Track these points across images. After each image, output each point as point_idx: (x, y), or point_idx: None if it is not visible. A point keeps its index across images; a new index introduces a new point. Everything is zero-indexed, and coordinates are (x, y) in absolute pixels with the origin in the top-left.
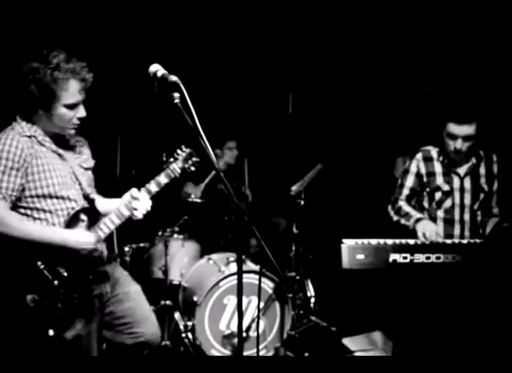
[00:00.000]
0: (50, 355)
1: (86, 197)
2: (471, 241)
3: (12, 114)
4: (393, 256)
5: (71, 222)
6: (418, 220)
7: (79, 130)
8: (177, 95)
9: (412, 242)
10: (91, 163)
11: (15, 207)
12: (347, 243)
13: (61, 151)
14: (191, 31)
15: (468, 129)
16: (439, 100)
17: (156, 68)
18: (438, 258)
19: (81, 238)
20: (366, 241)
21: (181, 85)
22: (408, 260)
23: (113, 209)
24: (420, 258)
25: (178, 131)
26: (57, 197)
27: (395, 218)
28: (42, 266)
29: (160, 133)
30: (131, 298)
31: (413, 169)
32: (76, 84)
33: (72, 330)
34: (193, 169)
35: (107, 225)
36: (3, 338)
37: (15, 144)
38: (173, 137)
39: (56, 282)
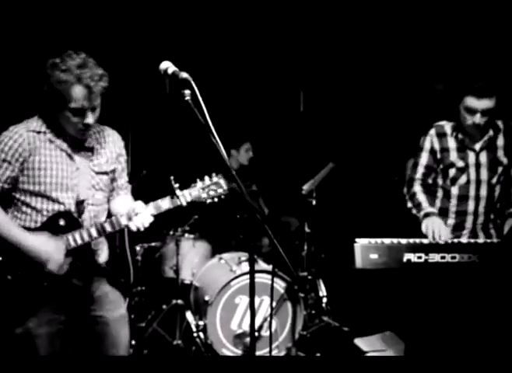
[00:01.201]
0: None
1: (80, 203)
2: (488, 240)
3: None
4: (407, 256)
5: (48, 224)
6: (426, 215)
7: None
8: (187, 92)
9: (426, 241)
10: (107, 167)
11: (7, 197)
12: (360, 242)
13: (71, 151)
14: (203, 29)
15: (488, 102)
16: (451, 97)
17: (167, 65)
18: (453, 258)
19: (37, 244)
20: (379, 240)
21: (192, 82)
22: (422, 260)
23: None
24: (435, 257)
25: (189, 130)
26: (47, 197)
27: (409, 205)
28: (0, 258)
29: (172, 132)
30: (109, 324)
31: (427, 145)
32: (81, 90)
33: (23, 327)
34: (216, 200)
35: (83, 235)
36: None
37: (15, 137)
38: (185, 137)
39: (9, 277)
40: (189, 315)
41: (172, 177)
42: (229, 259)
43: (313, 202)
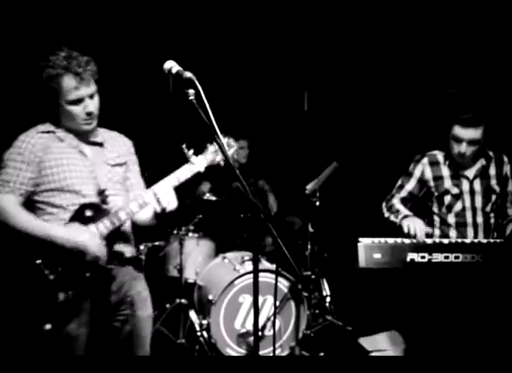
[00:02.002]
0: (45, 349)
1: (101, 193)
2: (491, 240)
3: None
4: (410, 256)
5: (76, 217)
6: (405, 216)
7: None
8: (191, 91)
9: (429, 241)
10: (121, 159)
11: (32, 202)
12: (364, 242)
13: (82, 146)
14: (207, 29)
15: (473, 133)
16: (460, 101)
17: (171, 65)
18: (457, 257)
19: (66, 234)
20: (383, 240)
21: (196, 82)
22: (426, 260)
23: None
24: (438, 257)
25: (194, 129)
26: (69, 191)
27: (386, 215)
28: (39, 261)
29: (176, 132)
30: (137, 323)
31: (417, 173)
32: (70, 79)
33: (68, 328)
34: (230, 160)
35: (112, 220)
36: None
37: (29, 139)
38: (189, 136)
39: (52, 277)
40: (193, 314)
41: (184, 145)
42: (233, 258)
43: (317, 202)
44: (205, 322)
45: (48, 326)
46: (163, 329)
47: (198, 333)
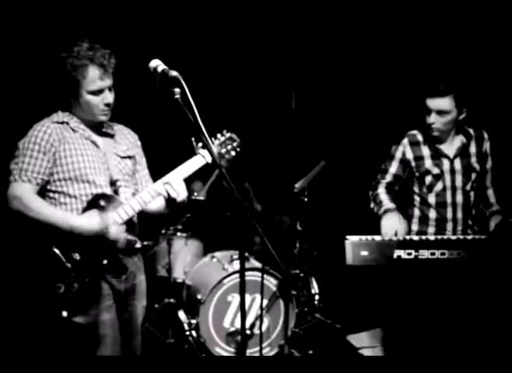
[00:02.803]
0: (63, 336)
1: (113, 184)
2: (476, 237)
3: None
4: (397, 252)
5: (90, 207)
6: (386, 211)
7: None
8: (177, 90)
9: (416, 238)
10: (131, 152)
11: (44, 191)
12: (351, 240)
13: (95, 137)
14: (193, 27)
15: (440, 102)
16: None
17: (157, 64)
18: (443, 254)
19: (89, 219)
20: (370, 237)
21: (182, 81)
22: (412, 256)
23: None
24: (425, 254)
25: (181, 128)
26: (83, 181)
27: (371, 205)
28: (57, 250)
29: (162, 130)
30: (135, 312)
31: (398, 154)
32: (95, 70)
33: (85, 315)
34: (233, 154)
35: (126, 210)
36: (19, 318)
37: (44, 129)
38: (175, 135)
39: (69, 265)
40: (181, 314)
41: (193, 138)
42: (222, 257)
43: (305, 200)
44: (193, 321)
45: (65, 314)
46: (152, 328)
47: (187, 333)
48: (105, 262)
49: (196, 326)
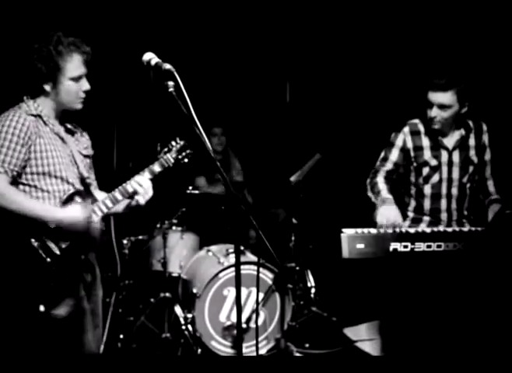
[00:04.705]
0: (41, 330)
1: (82, 180)
2: (473, 229)
3: (18, 96)
4: (393, 245)
5: (66, 204)
6: (383, 201)
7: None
8: (171, 83)
9: (412, 230)
10: (90, 152)
11: (15, 182)
12: (347, 232)
13: (62, 134)
14: (186, 19)
15: (442, 97)
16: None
17: (150, 57)
18: (439, 246)
19: (74, 212)
20: (366, 230)
21: (175, 74)
22: (408, 249)
23: (114, 191)
24: (421, 246)
25: (175, 121)
26: (56, 177)
27: (369, 194)
28: (36, 244)
29: (157, 123)
30: (94, 301)
31: (399, 142)
32: (79, 56)
33: (63, 307)
34: (186, 160)
35: (101, 207)
36: None
37: (22, 121)
38: (169, 127)
39: (48, 259)
40: (177, 308)
41: (159, 144)
42: (217, 251)
43: (301, 193)
44: (189, 315)
45: (42, 308)
46: (148, 323)
47: (183, 327)
48: (83, 257)
49: (192, 320)
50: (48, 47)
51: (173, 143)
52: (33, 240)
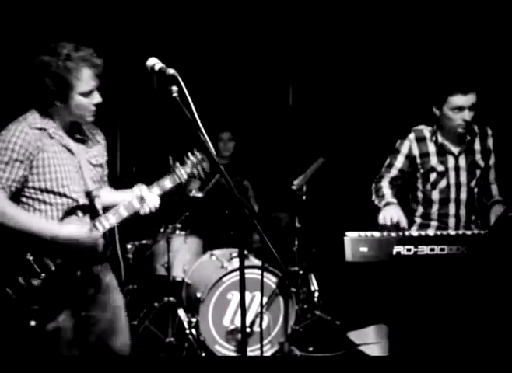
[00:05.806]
0: (30, 345)
1: (88, 194)
2: (476, 232)
3: (27, 108)
4: (397, 249)
5: (67, 217)
6: (387, 204)
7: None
8: (175, 88)
9: (415, 233)
10: (101, 160)
11: (16, 196)
12: (350, 236)
13: (71, 145)
14: (189, 23)
15: (473, 97)
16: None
17: (154, 62)
18: (442, 250)
19: (73, 229)
20: (369, 233)
21: (179, 79)
22: (412, 252)
23: (120, 201)
24: (424, 250)
25: (179, 126)
26: (54, 193)
27: (373, 198)
28: (31, 258)
29: (161, 128)
30: (111, 309)
31: (404, 150)
32: (89, 71)
33: (54, 323)
34: (202, 175)
35: (103, 223)
36: None
37: (23, 136)
38: (174, 133)
39: (43, 275)
40: (181, 312)
41: (171, 157)
42: (221, 255)
43: (304, 197)
44: (193, 319)
45: (33, 323)
46: (152, 327)
47: (187, 331)
48: (79, 273)
49: (196, 325)
50: (57, 62)
51: (190, 155)
52: (28, 254)
